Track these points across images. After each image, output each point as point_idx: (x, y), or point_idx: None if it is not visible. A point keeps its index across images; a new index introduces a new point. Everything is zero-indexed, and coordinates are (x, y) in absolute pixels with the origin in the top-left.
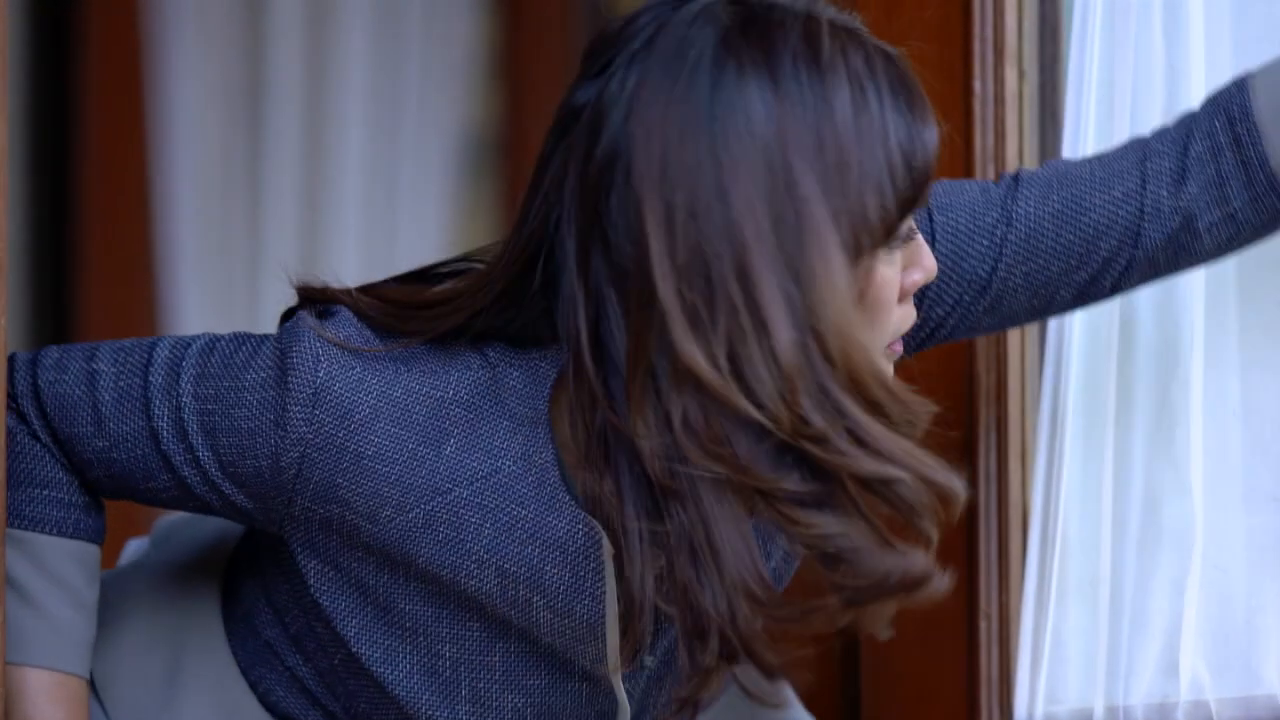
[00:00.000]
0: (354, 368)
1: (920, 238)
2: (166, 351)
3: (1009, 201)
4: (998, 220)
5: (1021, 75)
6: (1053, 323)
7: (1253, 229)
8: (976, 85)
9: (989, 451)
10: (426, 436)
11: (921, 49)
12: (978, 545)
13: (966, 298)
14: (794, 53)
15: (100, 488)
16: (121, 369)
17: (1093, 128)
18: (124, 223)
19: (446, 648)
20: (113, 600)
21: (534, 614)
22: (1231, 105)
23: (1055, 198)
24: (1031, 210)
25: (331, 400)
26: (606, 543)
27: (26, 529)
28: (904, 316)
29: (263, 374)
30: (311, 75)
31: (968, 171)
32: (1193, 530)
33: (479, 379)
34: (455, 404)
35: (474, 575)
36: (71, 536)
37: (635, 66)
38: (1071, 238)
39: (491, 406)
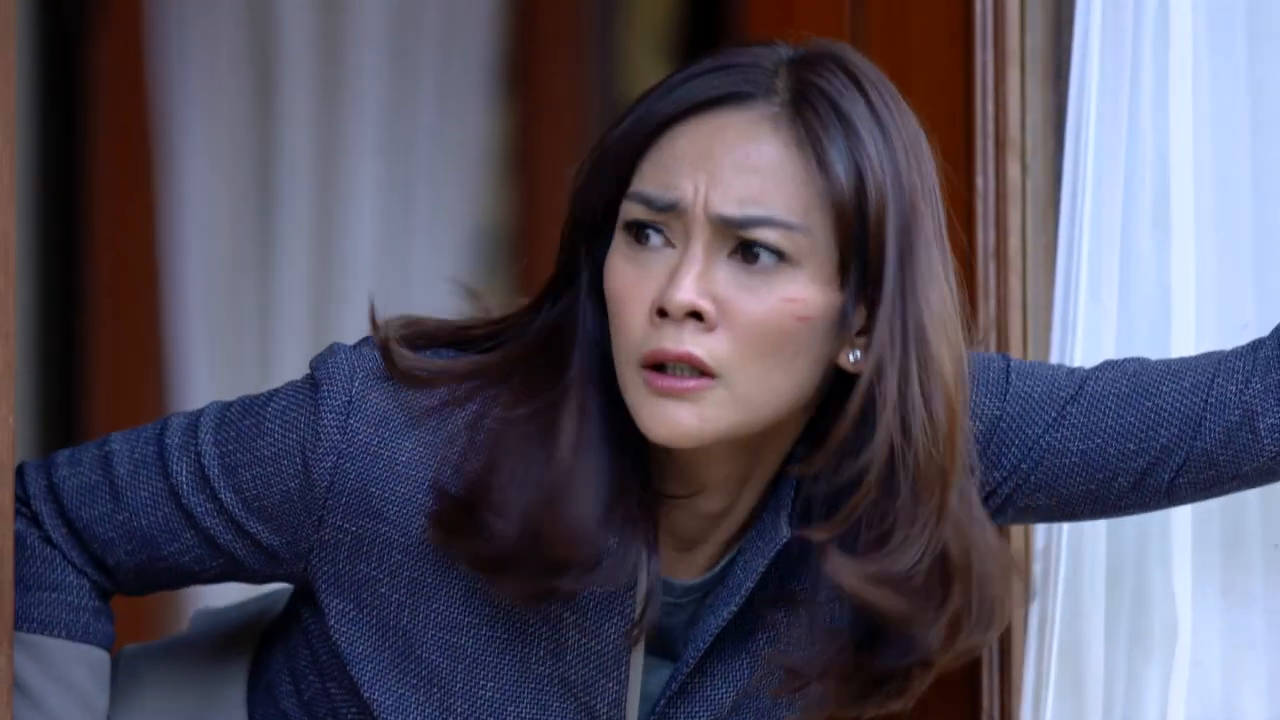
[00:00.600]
0: (389, 381)
1: (682, 267)
2: (181, 419)
3: (1085, 381)
4: (1069, 397)
5: (1025, 169)
6: None
7: None
8: (978, 180)
9: None
10: (464, 451)
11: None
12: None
13: (1023, 466)
14: None
15: (122, 573)
16: (135, 443)
17: (1088, 221)
18: (133, 308)
19: (459, 703)
20: (142, 671)
21: (563, 630)
22: None
23: (1126, 382)
24: (1100, 389)
25: (366, 409)
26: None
27: (36, 632)
28: (650, 335)
29: (286, 400)
30: (324, 160)
31: (969, 267)
32: (1177, 629)
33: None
34: (492, 420)
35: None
36: (81, 640)
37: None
38: (1132, 420)
39: None
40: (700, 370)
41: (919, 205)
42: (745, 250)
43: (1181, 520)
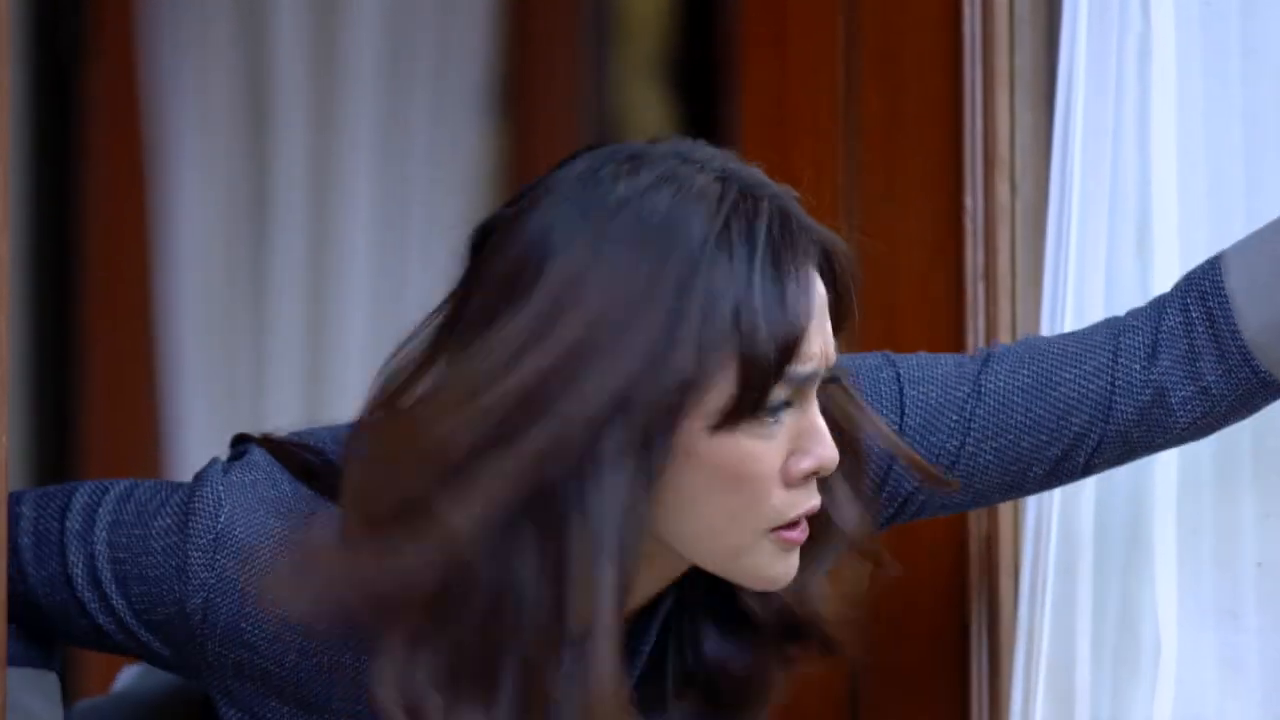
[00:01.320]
0: (257, 510)
1: (816, 424)
2: (85, 497)
3: (980, 376)
4: (968, 395)
5: (1014, 189)
6: None
7: (1228, 405)
8: (968, 200)
9: (980, 568)
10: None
11: (913, 163)
12: (969, 663)
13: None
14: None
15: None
16: (40, 512)
17: (1073, 242)
18: (127, 330)
19: None
20: None
21: None
22: (1204, 281)
23: (1025, 372)
24: (1001, 384)
25: (232, 544)
26: None
27: None
28: (790, 501)
29: (168, 520)
30: (318, 183)
31: (958, 287)
32: (1162, 649)
33: None
34: None
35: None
36: (26, 665)
37: None
38: (1042, 412)
39: None
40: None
41: None
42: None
43: (1167, 537)
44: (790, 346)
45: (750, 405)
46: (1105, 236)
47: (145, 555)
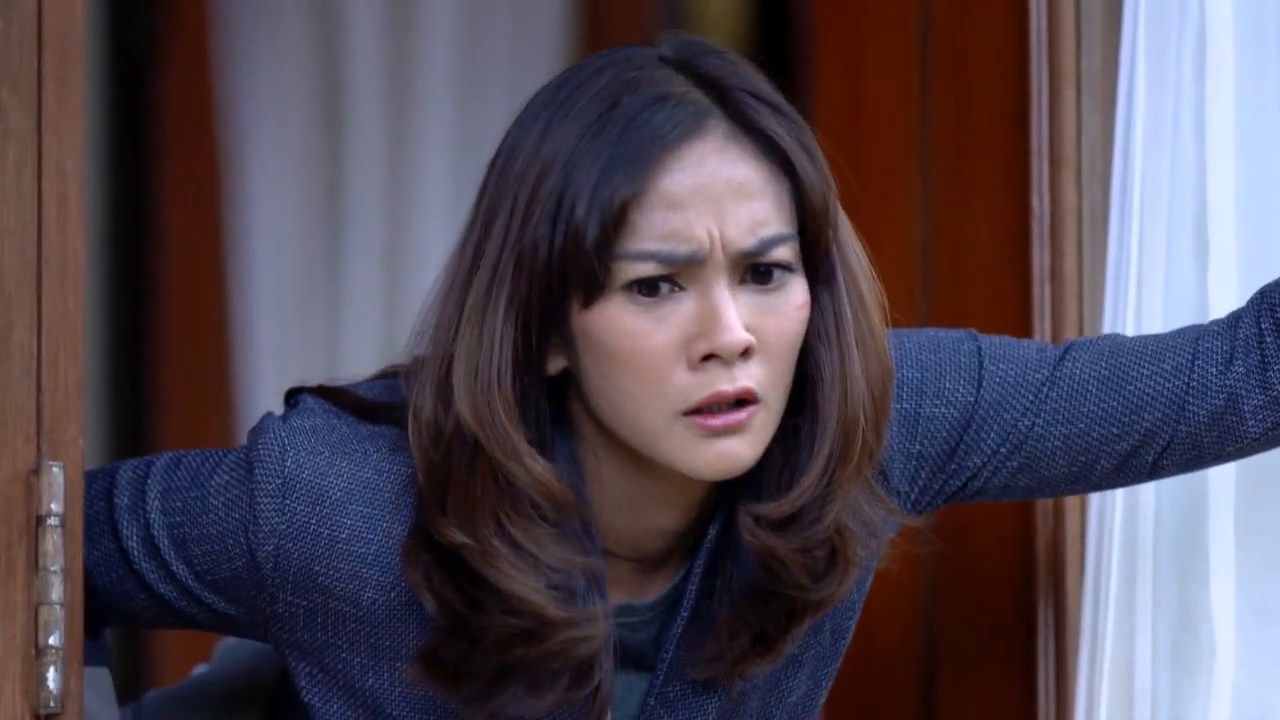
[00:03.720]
0: (322, 452)
1: (716, 307)
2: (129, 473)
3: (1060, 362)
4: (1045, 379)
5: (1080, 190)
6: None
7: None
8: (1034, 201)
9: (1047, 573)
10: (398, 509)
11: (982, 164)
12: (1036, 668)
13: (1002, 450)
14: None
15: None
16: (85, 496)
17: (1134, 244)
18: (202, 327)
19: None
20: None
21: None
22: (1275, 293)
23: (1104, 364)
24: (1079, 372)
25: (301, 487)
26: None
27: None
28: (694, 383)
29: (228, 475)
30: (393, 179)
31: (1026, 288)
32: (1219, 649)
33: None
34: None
35: None
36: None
37: None
38: (1115, 404)
39: None
40: (747, 400)
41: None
42: (758, 273)
43: (1224, 539)
44: (611, 224)
45: (595, 281)
46: (1165, 237)
47: (205, 514)
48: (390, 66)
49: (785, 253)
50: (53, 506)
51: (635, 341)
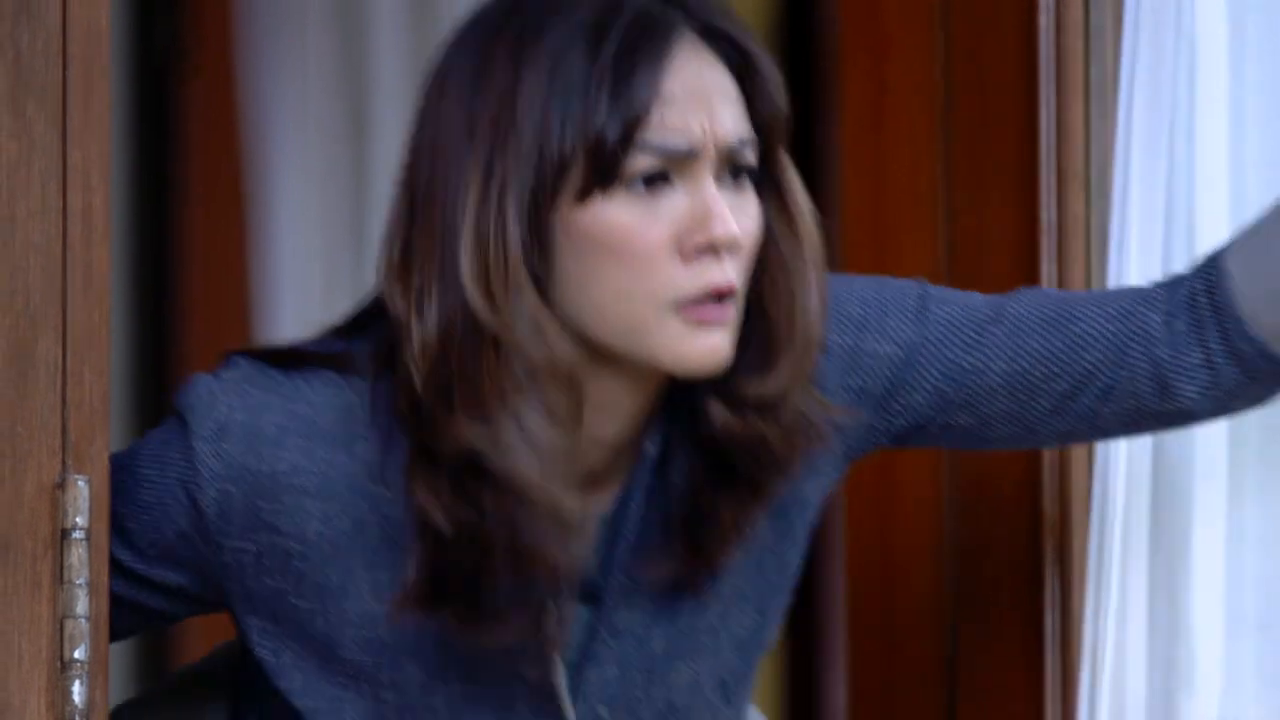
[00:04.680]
0: (252, 393)
1: (709, 201)
2: None
3: (1005, 303)
4: (989, 317)
5: (1088, 202)
6: (1099, 459)
7: (1233, 381)
8: (1043, 214)
9: (1053, 579)
10: (336, 441)
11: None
12: (1043, 672)
13: (944, 387)
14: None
15: None
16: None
17: (1133, 255)
18: (226, 339)
19: (389, 693)
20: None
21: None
22: (1210, 257)
23: (1049, 306)
24: (1022, 311)
25: (235, 429)
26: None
27: None
28: (689, 275)
29: (157, 443)
30: None
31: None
32: (1199, 659)
33: (379, 393)
34: (360, 409)
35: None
36: None
37: None
38: (1058, 344)
39: (393, 419)
40: (728, 295)
41: None
42: (733, 174)
43: (1213, 555)
44: (634, 118)
45: (602, 174)
46: (1160, 248)
47: (137, 489)
48: (415, 72)
49: (753, 156)
50: (78, 520)
51: (631, 235)
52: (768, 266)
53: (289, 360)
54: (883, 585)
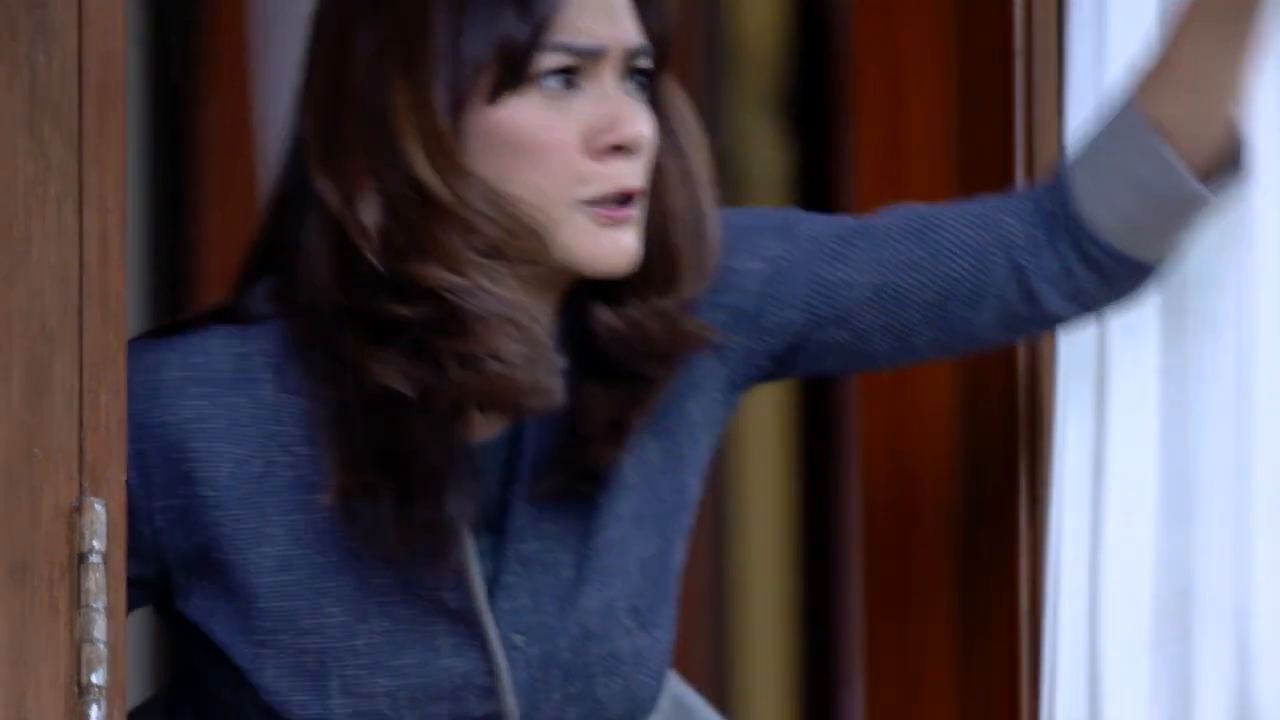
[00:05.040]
0: (147, 354)
1: (619, 101)
2: None
3: (871, 218)
4: (854, 230)
5: None
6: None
7: (1092, 285)
8: None
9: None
10: (237, 384)
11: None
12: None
13: (813, 302)
14: None
15: None
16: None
17: None
18: None
19: (310, 640)
20: None
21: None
22: (1059, 166)
23: (914, 217)
24: (888, 223)
25: (137, 390)
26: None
27: None
28: (597, 171)
29: None
30: None
31: None
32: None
33: (277, 331)
34: (259, 354)
35: (324, 519)
36: None
37: None
38: (920, 253)
39: (295, 353)
40: (634, 196)
41: None
42: (632, 78)
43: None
44: (542, 19)
45: (512, 73)
46: None
47: None
48: None
49: (647, 63)
50: (95, 544)
51: (542, 133)
52: (658, 178)
53: (181, 326)
54: (898, 500)
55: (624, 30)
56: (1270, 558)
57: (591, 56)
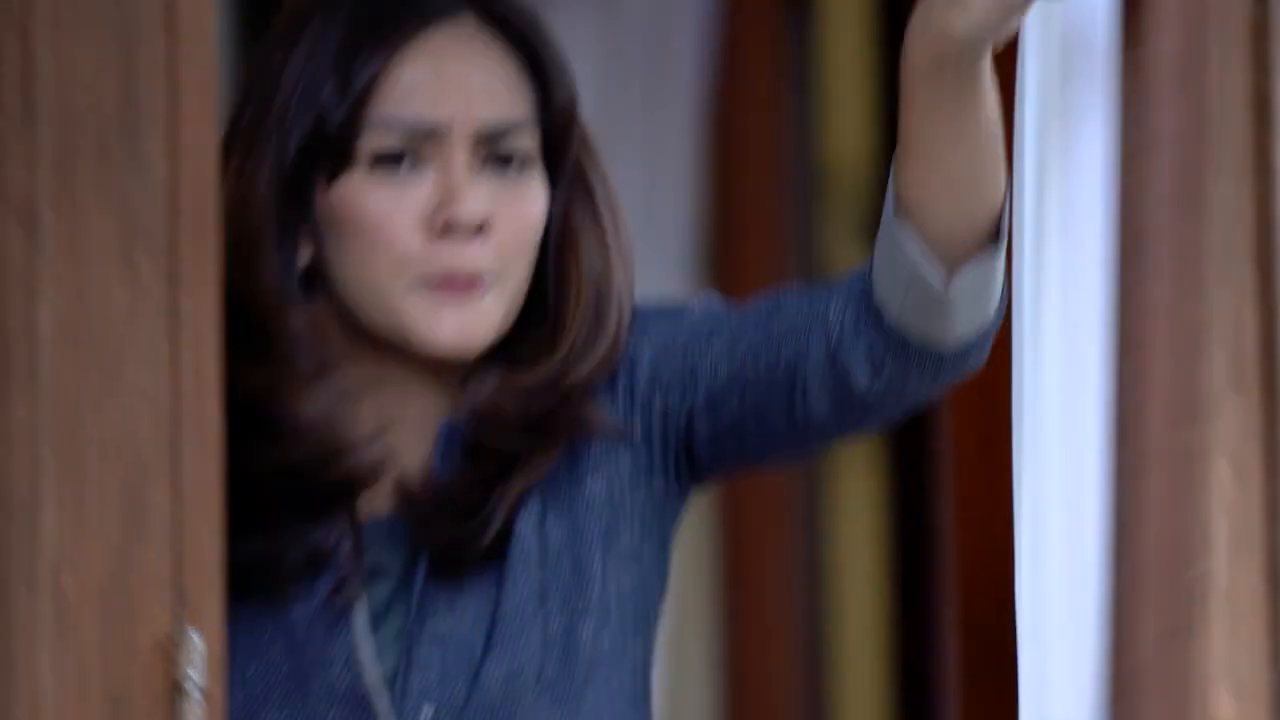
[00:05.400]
0: None
1: (455, 181)
2: None
3: (746, 304)
4: (729, 317)
5: None
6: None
7: (892, 369)
8: None
9: None
10: None
11: None
12: None
13: (689, 388)
14: None
15: None
16: None
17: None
18: None
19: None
20: None
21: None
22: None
23: (768, 303)
24: (750, 310)
25: None
26: None
27: None
28: (434, 251)
29: None
30: None
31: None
32: None
33: None
34: None
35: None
36: None
37: None
38: (760, 337)
39: None
40: (477, 281)
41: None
42: (498, 160)
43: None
44: (359, 98)
45: (336, 154)
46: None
47: None
48: None
49: (525, 143)
50: (192, 674)
51: (377, 214)
52: (560, 254)
53: None
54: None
55: (472, 107)
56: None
57: (425, 134)
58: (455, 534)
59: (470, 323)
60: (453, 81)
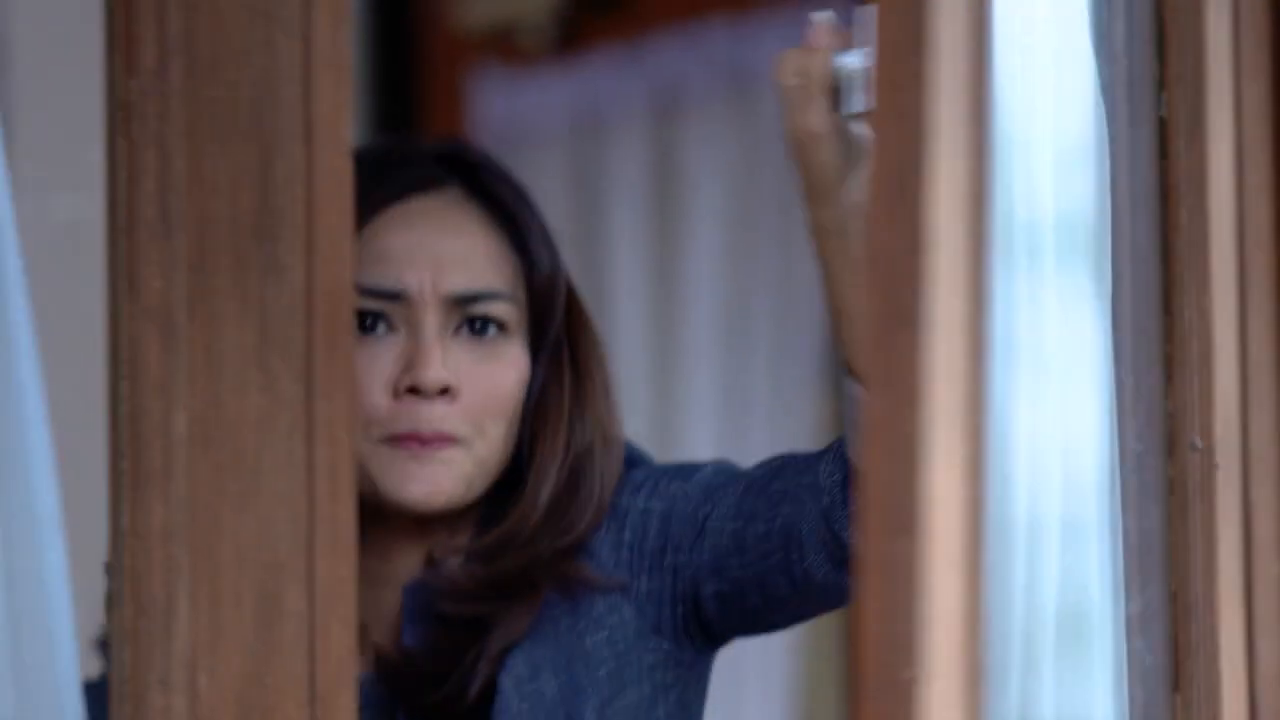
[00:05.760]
0: None
1: (422, 346)
2: None
3: (752, 468)
4: (736, 479)
5: None
6: None
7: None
8: None
9: None
10: None
11: None
12: None
13: (697, 547)
14: None
15: None
16: None
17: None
18: None
19: None
20: None
21: None
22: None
23: (770, 466)
24: (755, 473)
25: None
26: None
27: None
28: (396, 411)
29: None
30: (659, 446)
31: None
32: None
33: None
34: None
35: None
36: None
37: None
38: (762, 502)
39: None
40: (447, 435)
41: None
42: (472, 325)
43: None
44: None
45: None
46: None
47: None
48: (656, 333)
49: (501, 311)
50: None
51: (357, 373)
52: (535, 422)
53: None
54: None
55: (442, 275)
56: None
57: (394, 300)
58: (431, 698)
59: (436, 476)
60: (426, 249)
